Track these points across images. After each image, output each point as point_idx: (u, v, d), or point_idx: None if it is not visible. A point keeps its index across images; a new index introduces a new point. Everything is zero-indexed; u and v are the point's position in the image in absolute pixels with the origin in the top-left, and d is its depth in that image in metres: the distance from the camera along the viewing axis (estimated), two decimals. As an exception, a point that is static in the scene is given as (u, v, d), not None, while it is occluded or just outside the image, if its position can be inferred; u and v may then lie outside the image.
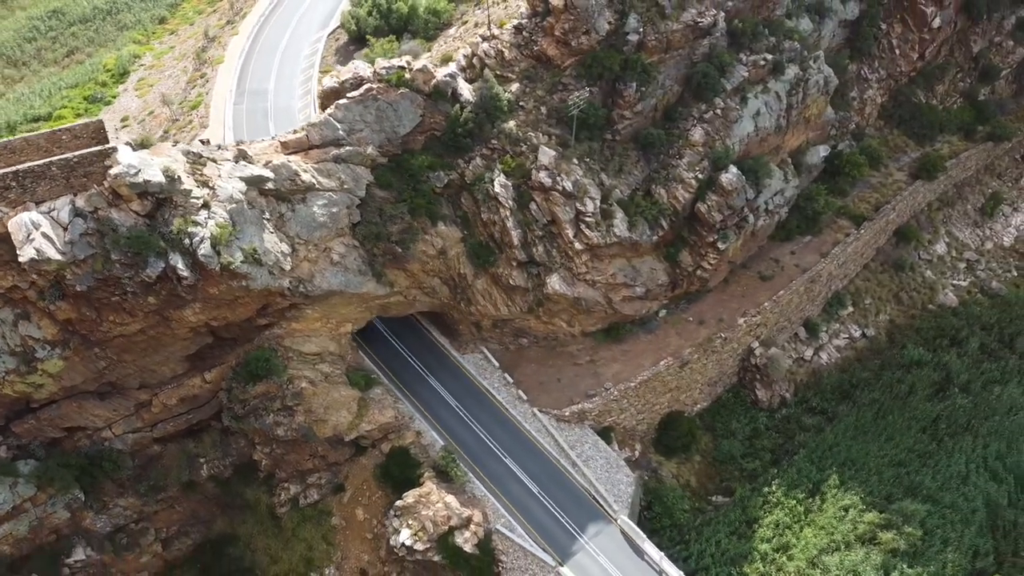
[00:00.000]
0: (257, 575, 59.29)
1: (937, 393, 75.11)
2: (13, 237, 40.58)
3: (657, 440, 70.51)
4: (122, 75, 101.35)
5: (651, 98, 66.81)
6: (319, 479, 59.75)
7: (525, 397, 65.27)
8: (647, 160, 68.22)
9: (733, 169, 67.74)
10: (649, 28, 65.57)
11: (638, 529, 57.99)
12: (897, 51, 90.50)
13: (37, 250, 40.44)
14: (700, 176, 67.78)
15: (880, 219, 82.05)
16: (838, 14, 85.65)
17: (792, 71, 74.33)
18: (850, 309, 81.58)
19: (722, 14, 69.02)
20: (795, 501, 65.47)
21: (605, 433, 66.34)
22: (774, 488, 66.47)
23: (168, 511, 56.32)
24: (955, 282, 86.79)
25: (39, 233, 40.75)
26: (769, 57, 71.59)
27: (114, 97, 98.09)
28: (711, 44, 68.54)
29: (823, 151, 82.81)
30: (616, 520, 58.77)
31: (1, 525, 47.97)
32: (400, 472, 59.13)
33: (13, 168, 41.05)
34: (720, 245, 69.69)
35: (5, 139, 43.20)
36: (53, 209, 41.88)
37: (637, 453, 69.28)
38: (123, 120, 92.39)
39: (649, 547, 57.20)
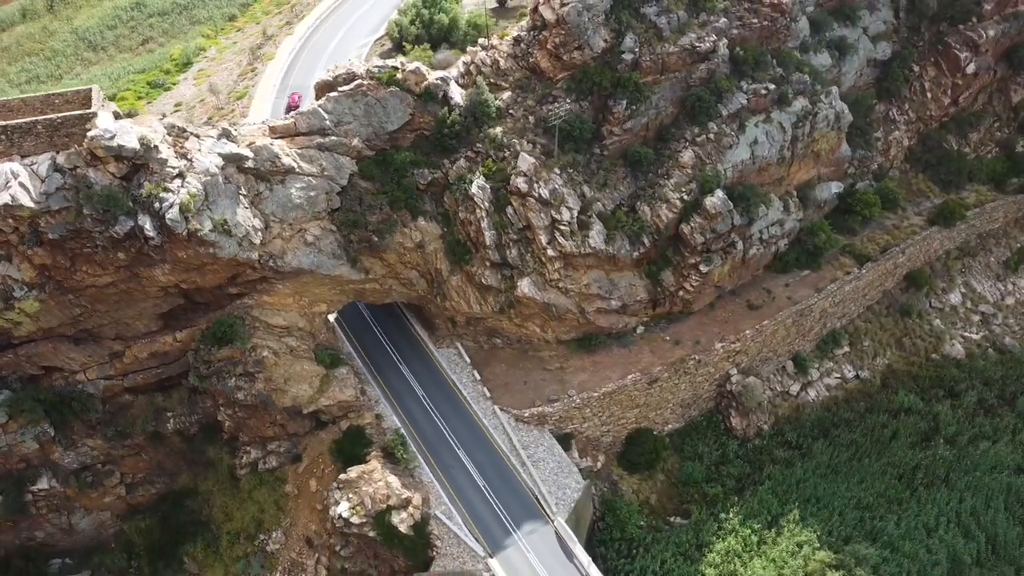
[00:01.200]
0: (212, 529, 63.09)
1: (921, 442, 73.28)
2: (-5, 184, 45.83)
3: (622, 454, 71.11)
4: (185, 65, 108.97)
5: (642, 117, 68.22)
6: (279, 447, 63.17)
7: (489, 394, 67.14)
8: (634, 177, 69.55)
9: (719, 193, 68.30)
10: (645, 49, 67.25)
11: (572, 533, 58.84)
12: (929, 95, 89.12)
13: (12, 196, 45.47)
14: (686, 197, 68.60)
15: (885, 261, 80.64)
16: (865, 52, 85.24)
17: (799, 103, 74.47)
18: (846, 349, 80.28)
19: (724, 41, 70.03)
20: (750, 531, 65.09)
21: (565, 439, 67.42)
22: (731, 515, 66.23)
23: (134, 458, 60.66)
24: (965, 334, 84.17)
25: (16, 182, 45.77)
26: (772, 87, 72.08)
27: (174, 84, 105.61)
28: (709, 69, 69.56)
29: (835, 187, 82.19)
30: (553, 521, 59.82)
31: (-26, 446, 53.33)
32: (352, 449, 61.83)
33: (3, 123, 46.29)
34: (702, 268, 70.22)
35: (4, 98, 48.55)
36: (34, 163, 46.91)
37: (599, 464, 70.10)
38: (176, 105, 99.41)
39: (579, 551, 58.00)
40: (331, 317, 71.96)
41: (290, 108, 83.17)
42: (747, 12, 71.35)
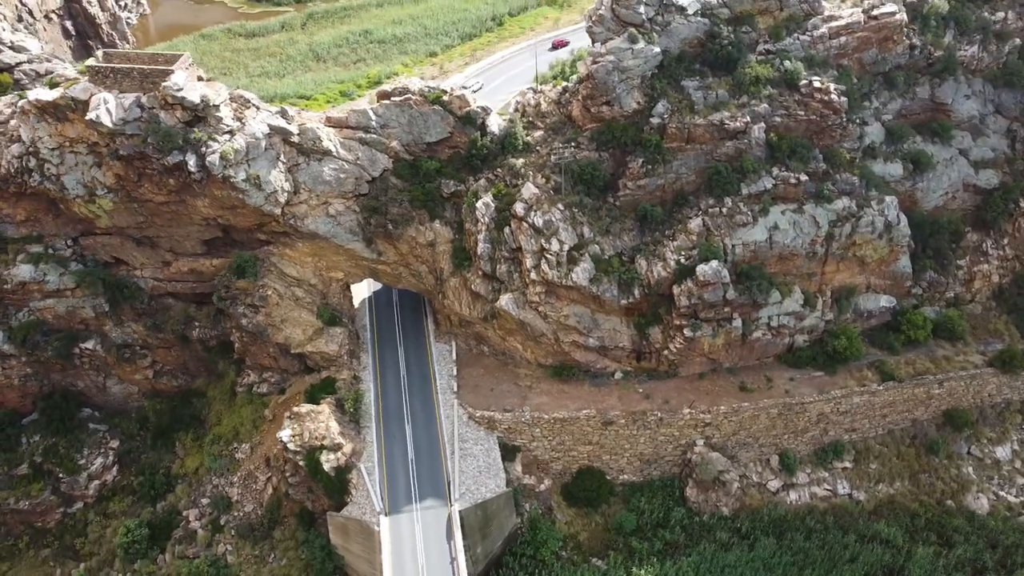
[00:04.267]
0: (204, 427, 76.51)
1: (881, 576, 68.34)
2: (90, 105, 62.97)
3: (567, 485, 74.40)
4: (375, 83, 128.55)
5: (658, 178, 72.68)
6: (271, 377, 75.36)
7: (455, 389, 74.32)
8: (641, 232, 73.86)
9: (713, 263, 70.52)
10: (675, 117, 72.01)
11: (459, 523, 63.99)
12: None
13: (97, 115, 62.28)
14: (683, 261, 71.59)
15: (914, 387, 76.14)
16: (961, 175, 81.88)
17: (842, 203, 74.29)
18: (847, 464, 76.71)
19: (761, 125, 72.49)
20: (652, 592, 65.77)
21: (512, 451, 72.52)
22: (643, 573, 67.23)
23: (165, 351, 75.86)
24: (1001, 493, 76.30)
25: (105, 107, 62.58)
26: (804, 178, 72.90)
27: (359, 96, 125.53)
28: (737, 148, 72.40)
29: (885, 301, 79.66)
30: (451, 507, 65.48)
31: (50, 298, 71.07)
32: (318, 395, 72.03)
33: (114, 65, 63.78)
34: (687, 332, 72.46)
35: (124, 51, 66.16)
36: (124, 98, 63.69)
37: (543, 487, 74.07)
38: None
39: (457, 540, 63.08)
40: (366, 294, 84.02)
41: None
42: (795, 104, 73.10)
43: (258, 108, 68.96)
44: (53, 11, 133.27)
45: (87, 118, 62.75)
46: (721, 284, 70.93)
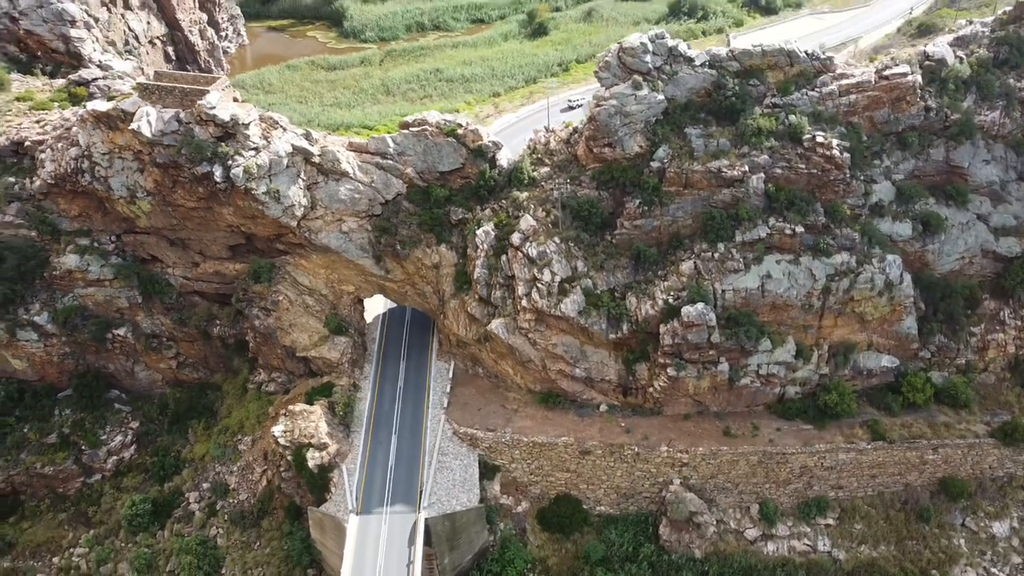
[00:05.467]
0: (217, 418, 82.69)
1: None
2: (135, 117, 71.07)
3: (543, 509, 76.37)
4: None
5: (654, 219, 75.08)
6: (278, 378, 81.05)
7: (445, 406, 77.97)
8: (635, 270, 76.19)
9: (699, 306, 72.04)
10: (675, 163, 74.57)
11: (422, 531, 67.04)
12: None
13: (138, 126, 70.20)
14: (671, 301, 73.44)
15: (906, 450, 74.80)
16: (979, 241, 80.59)
17: (840, 257, 74.68)
18: (830, 521, 75.75)
19: (760, 176, 73.99)
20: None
21: (491, 470, 75.37)
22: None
23: (188, 344, 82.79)
24: (993, 569, 73.55)
25: (146, 119, 70.46)
26: (800, 230, 73.72)
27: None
28: (734, 195, 74.07)
29: (887, 361, 79.00)
30: (418, 514, 68.72)
31: (91, 286, 79.19)
32: (316, 397, 77.08)
33: (160, 84, 71.94)
34: (671, 371, 73.94)
35: (171, 72, 74.27)
36: (164, 111, 71.54)
37: (520, 508, 76.40)
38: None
39: (417, 545, 66.17)
40: (381, 310, 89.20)
41: None
42: (797, 157, 74.34)
43: (284, 129, 75.62)
44: (157, 37, 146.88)
45: (130, 128, 70.76)
46: (706, 327, 72.26)
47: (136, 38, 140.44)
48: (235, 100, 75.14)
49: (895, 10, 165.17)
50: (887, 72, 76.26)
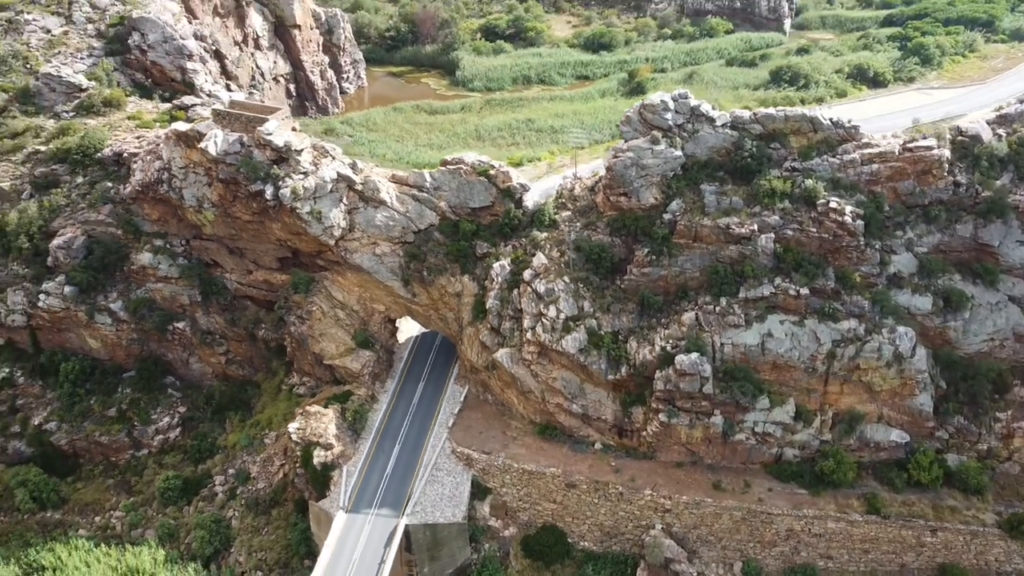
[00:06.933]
0: (251, 412, 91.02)
1: None
2: (205, 137, 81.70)
3: (528, 537, 79.13)
4: (516, 164, 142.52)
5: (661, 268, 77.78)
6: (308, 382, 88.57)
7: (450, 426, 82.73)
8: (640, 315, 78.88)
9: (694, 355, 73.83)
10: (686, 216, 77.33)
11: (400, 534, 71.76)
12: (1087, 400, 76.06)
13: (206, 146, 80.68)
14: (669, 348, 75.63)
15: (900, 528, 72.73)
16: (1012, 324, 78.16)
17: (848, 324, 74.72)
18: (816, 592, 74.21)
19: (770, 235, 75.40)
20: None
21: (483, 491, 79.23)
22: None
23: (238, 343, 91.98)
24: (985, 668, 69.65)
25: (213, 140, 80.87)
26: (804, 292, 74.27)
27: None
28: (741, 252, 75.76)
29: (897, 435, 77.56)
30: (400, 520, 73.40)
31: (160, 282, 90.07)
32: (334, 402, 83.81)
33: (231, 111, 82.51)
34: (662, 417, 75.71)
35: (251, 101, 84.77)
36: (231, 134, 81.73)
37: (507, 533, 79.63)
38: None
39: (393, 548, 70.80)
40: (415, 333, 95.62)
41: None
42: (810, 220, 75.32)
43: (333, 158, 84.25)
44: (281, 75, 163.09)
45: (200, 146, 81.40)
46: (699, 377, 73.77)
47: (262, 75, 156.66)
48: (293, 129, 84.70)
49: (1011, 90, 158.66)
50: (912, 144, 76.21)
